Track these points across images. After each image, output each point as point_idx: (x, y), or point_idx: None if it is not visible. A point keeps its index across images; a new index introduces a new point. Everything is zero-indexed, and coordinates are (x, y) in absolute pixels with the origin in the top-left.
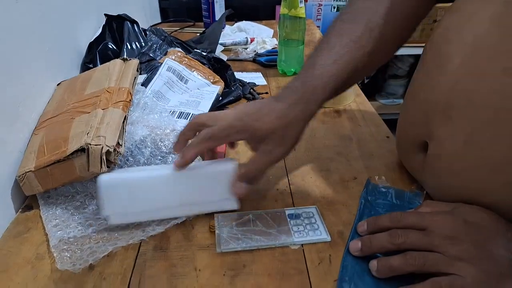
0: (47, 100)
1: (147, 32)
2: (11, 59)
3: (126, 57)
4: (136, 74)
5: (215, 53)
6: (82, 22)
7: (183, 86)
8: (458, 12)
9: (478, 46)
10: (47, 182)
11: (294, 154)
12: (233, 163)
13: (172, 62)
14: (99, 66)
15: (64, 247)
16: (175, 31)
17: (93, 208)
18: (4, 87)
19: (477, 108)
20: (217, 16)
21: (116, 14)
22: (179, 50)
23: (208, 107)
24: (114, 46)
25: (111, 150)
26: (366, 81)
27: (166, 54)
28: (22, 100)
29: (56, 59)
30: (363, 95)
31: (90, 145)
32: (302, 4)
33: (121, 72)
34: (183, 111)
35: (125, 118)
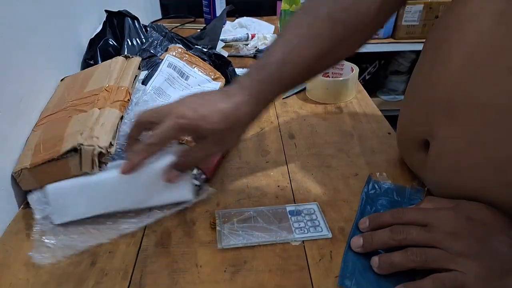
0: (49, 96)
1: (148, 28)
2: (12, 56)
3: (129, 54)
4: (137, 72)
5: (216, 49)
6: (83, 18)
7: (184, 83)
8: (458, 9)
9: (481, 44)
10: (42, 179)
11: (295, 150)
12: (171, 156)
13: (173, 58)
14: (101, 63)
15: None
16: (176, 27)
17: None
18: (6, 83)
19: (481, 107)
20: (217, 12)
21: (116, 10)
22: (180, 46)
23: None
24: (114, 43)
25: (104, 151)
26: (368, 77)
27: (167, 50)
28: (23, 96)
29: (57, 56)
30: (364, 91)
31: (83, 145)
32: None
33: (122, 70)
34: None
35: (121, 118)
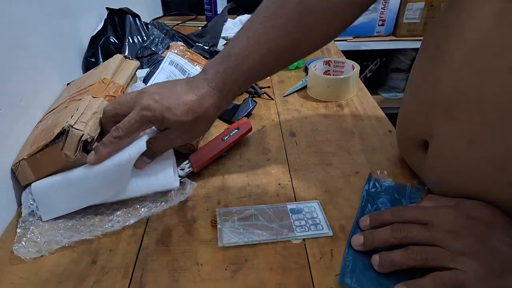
0: (51, 95)
1: (149, 26)
2: (13, 54)
3: (129, 55)
4: (135, 73)
5: (217, 47)
6: (84, 16)
7: None
8: (458, 8)
9: (481, 44)
10: (38, 170)
11: (295, 148)
12: (143, 141)
13: (175, 56)
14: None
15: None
16: (177, 24)
17: None
18: (6, 82)
19: (482, 107)
20: (219, 9)
21: (117, 8)
22: (181, 44)
23: None
24: (116, 40)
25: (89, 140)
26: (369, 75)
27: (168, 48)
28: (24, 95)
29: (58, 54)
30: (365, 89)
31: (72, 127)
32: None
33: (119, 68)
34: None
35: None
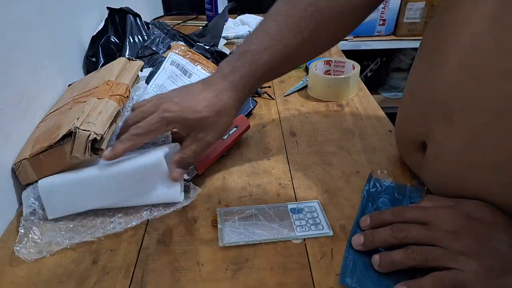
0: (53, 94)
1: (150, 26)
2: (13, 53)
3: (132, 57)
4: (138, 74)
5: (218, 46)
6: (85, 16)
7: (187, 80)
8: (453, 10)
9: (476, 46)
10: (41, 170)
11: (296, 148)
12: (161, 153)
13: (176, 56)
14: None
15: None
16: (178, 24)
17: None
18: (7, 81)
19: (477, 110)
20: (219, 9)
21: (118, 7)
22: (182, 44)
23: None
24: (116, 40)
25: (98, 138)
26: (369, 74)
27: (169, 47)
28: (25, 94)
29: (58, 53)
30: (365, 88)
31: (78, 129)
32: None
33: (123, 70)
34: None
35: (118, 113)
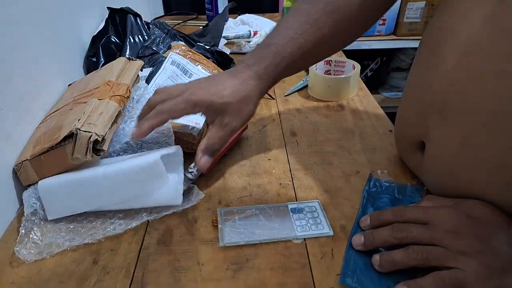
0: (53, 95)
1: (150, 26)
2: (13, 54)
3: (132, 57)
4: (138, 74)
5: (218, 46)
6: (85, 16)
7: (187, 80)
8: (451, 10)
9: (472, 47)
10: (42, 171)
11: (296, 148)
12: (157, 154)
13: (177, 56)
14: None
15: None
16: (178, 24)
17: None
18: (7, 81)
19: (472, 110)
20: (220, 9)
21: (119, 7)
22: (183, 44)
23: None
24: (117, 40)
25: (99, 139)
26: (370, 74)
27: (169, 47)
28: (25, 94)
29: (59, 53)
30: (366, 88)
31: (80, 130)
32: None
33: (123, 70)
34: None
35: (119, 113)
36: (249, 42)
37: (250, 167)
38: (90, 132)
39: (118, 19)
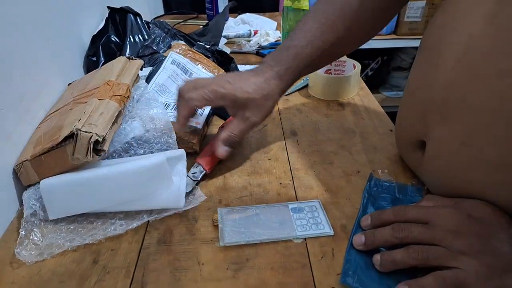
0: (53, 95)
1: (150, 25)
2: (13, 53)
3: (132, 56)
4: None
5: (218, 45)
6: (85, 15)
7: (188, 80)
8: (451, 10)
9: (472, 46)
10: (42, 171)
11: (297, 147)
12: (163, 156)
13: (177, 55)
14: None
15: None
16: (178, 23)
17: None
18: (7, 81)
19: (473, 109)
20: (220, 8)
21: (119, 7)
22: (183, 43)
23: None
24: (117, 39)
25: (100, 139)
26: (370, 73)
27: (169, 47)
28: (26, 94)
29: (59, 53)
30: (366, 88)
31: (80, 130)
32: None
33: (123, 69)
34: None
35: (119, 113)
36: (249, 41)
37: (250, 166)
38: (90, 132)
39: (118, 19)
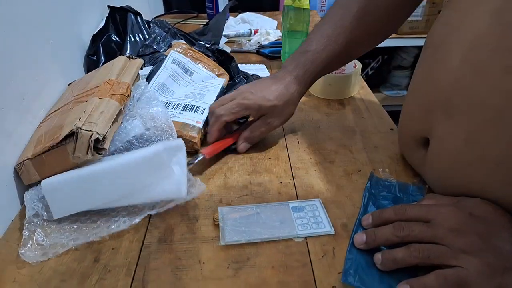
0: (53, 94)
1: (151, 24)
2: (14, 52)
3: (132, 55)
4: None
5: (219, 45)
6: (85, 14)
7: (188, 79)
8: (457, 7)
9: (478, 43)
10: (43, 170)
11: (297, 146)
12: (160, 145)
13: (177, 54)
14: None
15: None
16: (179, 22)
17: None
18: (7, 80)
19: (478, 106)
20: (220, 7)
21: (119, 6)
22: (184, 42)
23: (213, 100)
24: (117, 38)
25: (100, 138)
26: (371, 72)
27: (170, 46)
28: (26, 93)
29: (59, 52)
30: (367, 87)
31: (80, 129)
32: None
33: (124, 68)
34: (187, 103)
35: (120, 112)
36: (249, 40)
37: (251, 165)
38: (91, 131)
39: (119, 18)
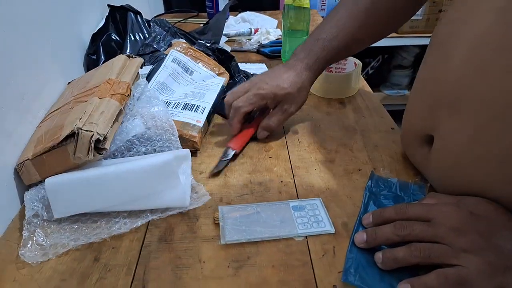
0: (53, 93)
1: (151, 23)
2: (14, 52)
3: (132, 54)
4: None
5: (219, 44)
6: (85, 13)
7: (188, 78)
8: (462, 4)
9: (482, 41)
10: (44, 170)
11: (298, 145)
12: (171, 155)
13: (178, 53)
14: (103, 60)
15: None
16: (179, 21)
17: None
18: (7, 80)
19: (483, 104)
20: (220, 6)
21: (119, 5)
22: (184, 41)
23: (213, 99)
24: (117, 37)
25: (101, 138)
26: (371, 71)
27: (170, 45)
28: (26, 93)
29: (59, 51)
30: (367, 86)
31: (81, 129)
32: None
33: (124, 67)
34: (188, 102)
35: (120, 111)
36: (250, 39)
37: (251, 164)
38: (91, 131)
39: (119, 17)
